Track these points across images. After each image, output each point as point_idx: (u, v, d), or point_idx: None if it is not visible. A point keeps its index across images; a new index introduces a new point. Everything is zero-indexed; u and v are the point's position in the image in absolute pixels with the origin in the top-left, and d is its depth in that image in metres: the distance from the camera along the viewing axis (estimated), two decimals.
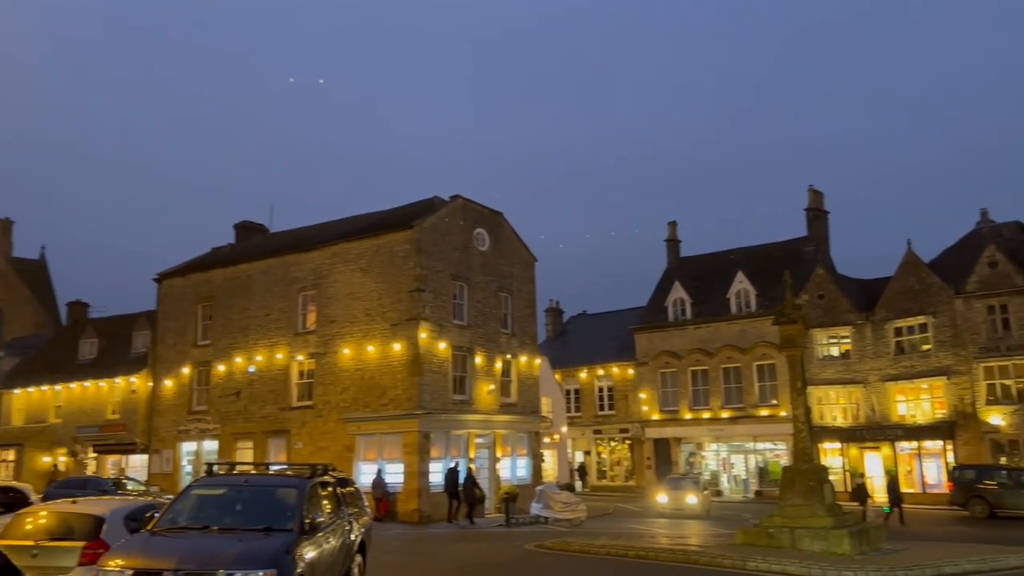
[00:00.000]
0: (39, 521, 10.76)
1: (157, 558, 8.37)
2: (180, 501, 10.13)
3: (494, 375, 33.73)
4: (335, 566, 10.61)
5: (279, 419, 33.26)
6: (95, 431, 40.03)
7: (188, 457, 36.20)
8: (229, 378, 35.09)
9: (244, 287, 35.66)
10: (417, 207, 34.12)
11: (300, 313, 33.79)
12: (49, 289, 61.81)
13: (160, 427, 37.22)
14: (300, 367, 33.33)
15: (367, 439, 30.94)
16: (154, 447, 37.25)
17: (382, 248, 31.93)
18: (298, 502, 9.77)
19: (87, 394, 41.07)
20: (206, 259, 39.77)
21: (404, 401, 30.01)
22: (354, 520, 12.17)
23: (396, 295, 31.01)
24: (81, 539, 10.27)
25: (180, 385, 36.90)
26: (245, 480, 10.75)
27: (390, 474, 29.63)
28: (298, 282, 33.95)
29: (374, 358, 31.05)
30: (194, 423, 35.95)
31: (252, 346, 34.59)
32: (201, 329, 36.84)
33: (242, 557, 8.32)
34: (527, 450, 35.54)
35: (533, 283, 37.44)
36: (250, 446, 33.82)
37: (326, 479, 11.34)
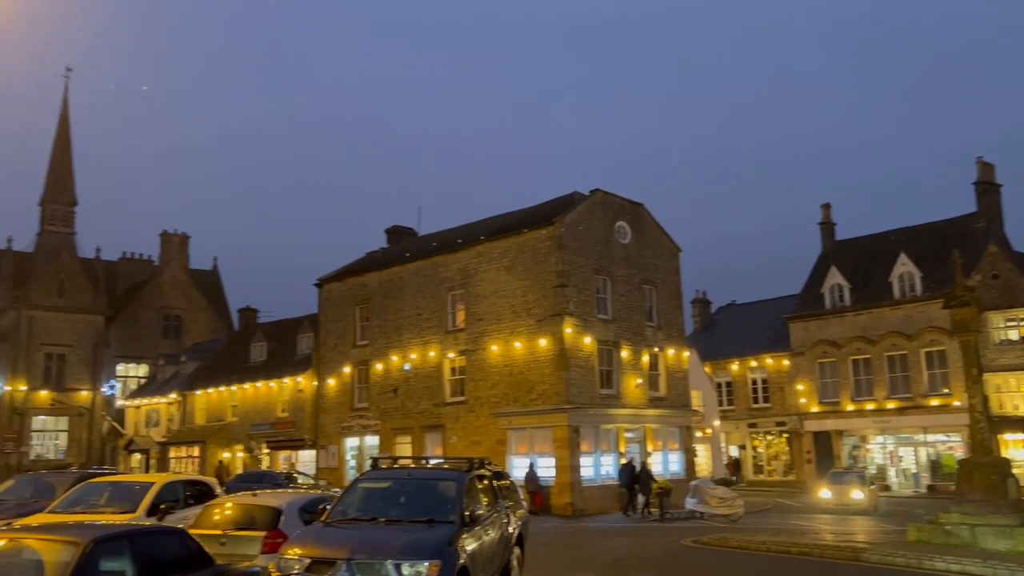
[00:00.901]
0: (225, 512, 11.68)
1: (331, 548, 8.90)
2: (349, 494, 10.71)
3: (641, 369, 33.41)
4: (495, 557, 10.89)
5: (434, 414, 34.43)
6: (267, 428, 42.85)
7: (351, 452, 38.13)
8: (386, 376, 36.66)
9: (397, 289, 37.14)
10: (557, 203, 34.32)
11: (449, 312, 34.81)
12: (222, 297, 66.71)
13: (325, 424, 39.41)
14: (451, 364, 34.35)
15: (518, 433, 31.47)
16: (320, 443, 39.48)
17: (525, 246, 32.35)
18: (458, 495, 10.10)
19: (259, 394, 44.04)
20: (361, 263, 41.70)
21: (552, 396, 30.29)
22: (511, 513, 12.43)
23: (540, 291, 31.33)
24: (262, 529, 11.05)
25: (342, 384, 38.91)
26: (407, 474, 11.22)
27: (542, 468, 29.99)
28: (447, 282, 34.98)
29: (521, 354, 31.52)
30: (356, 419, 37.81)
31: (406, 345, 35.98)
32: (359, 330, 38.69)
33: (408, 547, 8.72)
34: (679, 444, 34.99)
35: (678, 274, 36.78)
36: (408, 441, 35.20)
37: (483, 473, 11.66)
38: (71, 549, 6.57)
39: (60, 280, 55.42)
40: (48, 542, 6.91)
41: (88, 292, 56.57)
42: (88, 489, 14.05)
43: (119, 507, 13.12)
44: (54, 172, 59.44)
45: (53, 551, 6.69)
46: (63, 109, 60.76)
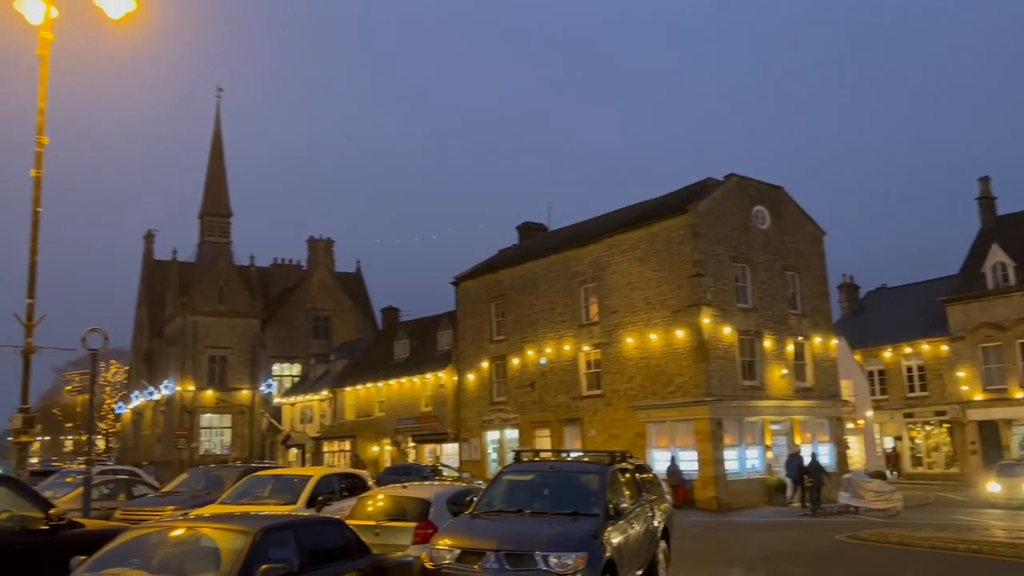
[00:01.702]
0: (378, 504, 12.19)
1: (480, 539, 9.13)
2: (494, 487, 10.94)
3: (786, 359, 32.21)
4: (641, 551, 10.84)
5: (571, 408, 34.55)
6: (412, 423, 44.36)
7: (493, 445, 38.88)
8: (523, 370, 37.11)
9: (530, 284, 37.51)
10: (690, 191, 33.59)
11: (583, 305, 34.81)
12: (366, 298, 69.61)
13: (467, 417, 40.36)
14: (587, 357, 34.34)
15: (657, 426, 31.09)
16: (463, 436, 40.48)
17: (657, 236, 31.87)
18: (601, 488, 10.12)
19: (403, 390, 45.64)
20: (494, 260, 42.39)
21: (691, 388, 29.72)
22: (655, 506, 12.32)
23: (675, 282, 30.79)
24: (413, 520, 11.46)
25: (481, 378, 39.73)
26: (550, 467, 11.34)
27: (684, 461, 29.50)
28: (579, 276, 34.99)
29: (658, 346, 31.10)
30: (496, 413, 38.51)
31: (541, 339, 36.28)
32: (495, 326, 39.36)
33: (555, 540, 8.82)
34: (829, 436, 33.50)
35: (822, 259, 35.16)
36: (547, 434, 35.50)
37: (625, 466, 11.61)
38: (243, 538, 7.04)
39: (220, 287, 59.54)
40: (222, 531, 7.44)
41: (245, 297, 60.46)
42: (253, 482, 15.04)
43: (281, 499, 13.97)
44: (210, 187, 63.81)
45: (227, 539, 7.19)
46: (216, 127, 65.17)
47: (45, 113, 12.97)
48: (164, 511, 14.72)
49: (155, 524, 8.79)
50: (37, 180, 12.93)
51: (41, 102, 12.95)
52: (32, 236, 12.88)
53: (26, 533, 8.20)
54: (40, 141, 12.94)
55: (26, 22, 12.56)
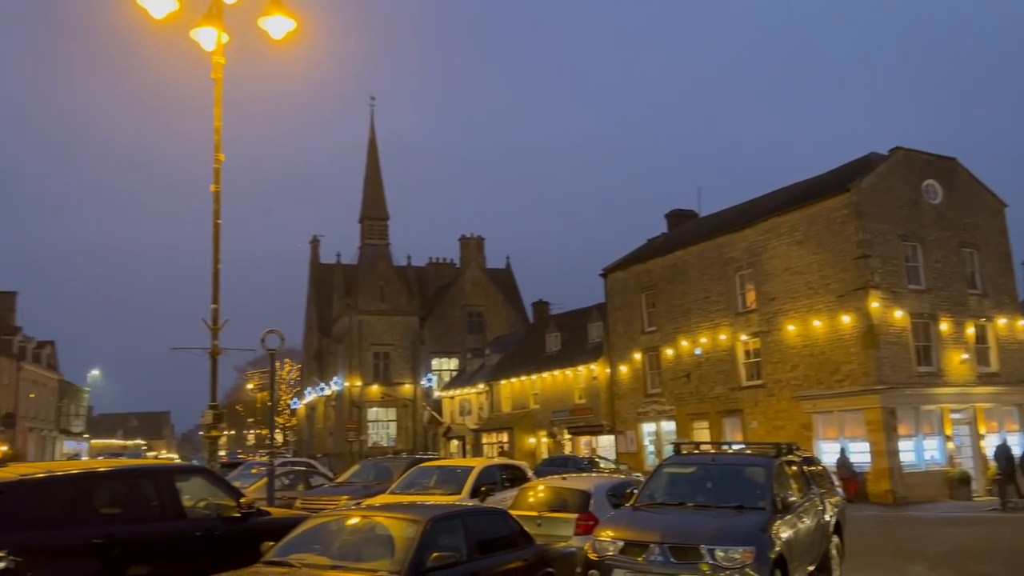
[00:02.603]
0: (538, 495, 12.39)
1: (643, 531, 9.09)
2: (654, 479, 10.84)
3: (966, 342, 29.87)
4: (812, 546, 10.42)
5: (730, 399, 33.62)
6: (567, 415, 44.64)
7: (649, 437, 38.49)
8: (677, 361, 36.47)
9: (681, 273, 36.78)
10: (851, 168, 31.77)
11: (739, 293, 33.75)
12: (516, 293, 70.74)
13: (621, 410, 40.16)
14: (745, 347, 33.28)
15: (824, 417, 29.69)
16: (618, 428, 40.32)
17: (817, 217, 30.38)
18: (767, 481, 9.80)
19: (556, 382, 46.02)
20: (644, 250, 41.87)
21: (860, 376, 28.16)
22: (825, 500, 11.80)
23: (839, 264, 29.25)
24: (573, 511, 11.57)
25: (634, 370, 39.40)
26: (712, 459, 11.11)
27: (854, 453, 28.01)
28: (733, 262, 33.95)
29: (822, 333, 29.68)
30: (651, 405, 38.08)
31: (695, 329, 35.50)
32: (647, 316, 38.90)
33: (721, 533, 8.64)
34: (1019, 425, 30.75)
35: (1005, 233, 32.32)
36: (705, 426, 34.73)
37: (792, 458, 11.20)
38: (414, 526, 7.38)
39: (380, 287, 62.33)
40: (395, 519, 7.82)
41: (404, 296, 63.01)
42: (419, 473, 15.68)
43: (446, 489, 14.48)
44: (368, 192, 66.83)
45: (399, 527, 7.56)
46: (370, 134, 68.13)
47: (221, 132, 14.01)
48: (339, 500, 15.61)
49: (333, 513, 9.35)
50: (216, 195, 13.96)
51: (217, 122, 13.95)
52: (214, 246, 13.93)
53: (221, 520, 8.91)
54: (217, 158, 13.95)
55: (201, 49, 13.60)
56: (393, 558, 7.08)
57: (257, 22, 13.09)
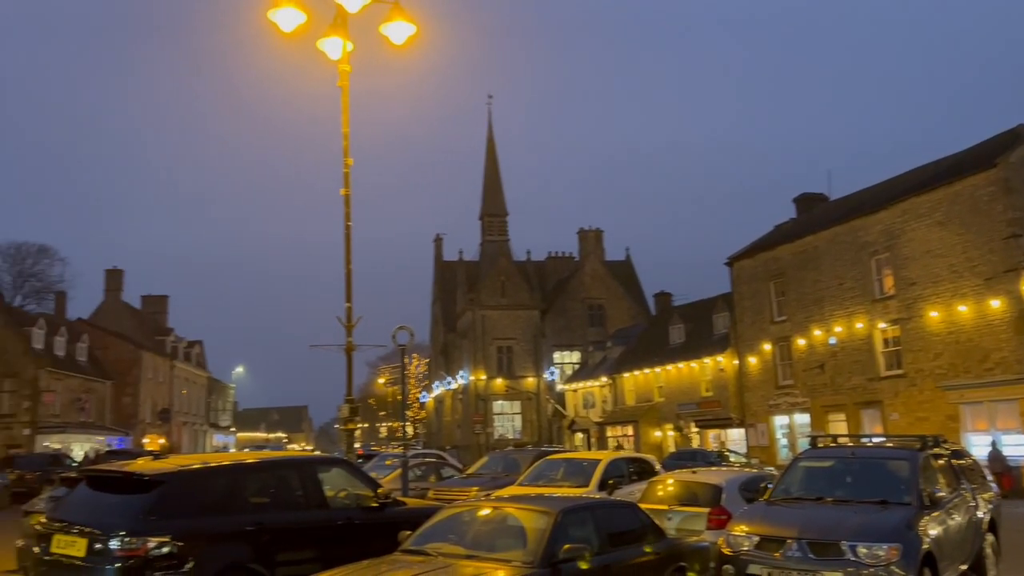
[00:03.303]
0: (668, 488, 12.24)
1: (779, 526, 8.82)
2: (790, 473, 10.50)
3: None
4: (964, 544, 9.82)
5: (868, 390, 32.07)
6: (693, 408, 43.83)
7: (781, 430, 37.25)
8: (810, 351, 35.11)
9: (812, 259, 35.34)
10: (998, 141, 29.58)
11: (875, 279, 32.12)
12: (637, 285, 70.02)
13: (751, 402, 39.05)
14: (883, 335, 31.66)
15: (973, 408, 27.86)
16: (748, 421, 39.24)
17: (960, 195, 28.50)
18: (912, 475, 9.30)
19: (681, 374, 45.25)
20: (771, 237, 40.51)
21: (1013, 364, 26.26)
22: (977, 495, 11.09)
23: (985, 245, 27.34)
24: (704, 506, 11.36)
25: (763, 361, 38.22)
26: (851, 453, 10.65)
27: (1008, 446, 26.17)
28: (868, 246, 32.33)
29: (968, 318, 27.84)
30: (782, 397, 36.84)
31: (828, 317, 34.06)
32: (776, 306, 37.63)
33: (864, 529, 8.28)
34: None
35: None
36: (841, 418, 33.29)
37: (939, 451, 10.58)
38: (545, 518, 7.46)
39: (501, 282, 63.17)
40: (526, 511, 7.93)
41: (524, 290, 63.62)
42: (547, 465, 15.80)
43: (574, 481, 14.53)
44: (488, 189, 67.78)
45: (531, 519, 7.66)
46: (488, 132, 69.06)
47: (349, 137, 14.55)
48: (469, 492, 15.96)
49: (466, 504, 9.58)
50: (346, 198, 14.52)
51: (345, 128, 14.50)
52: (346, 248, 14.50)
53: (360, 509, 9.30)
54: (346, 163, 14.52)
55: (327, 58, 14.17)
56: (526, 549, 7.19)
57: (379, 29, 13.54)
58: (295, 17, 12.72)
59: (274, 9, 12.55)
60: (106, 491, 8.20)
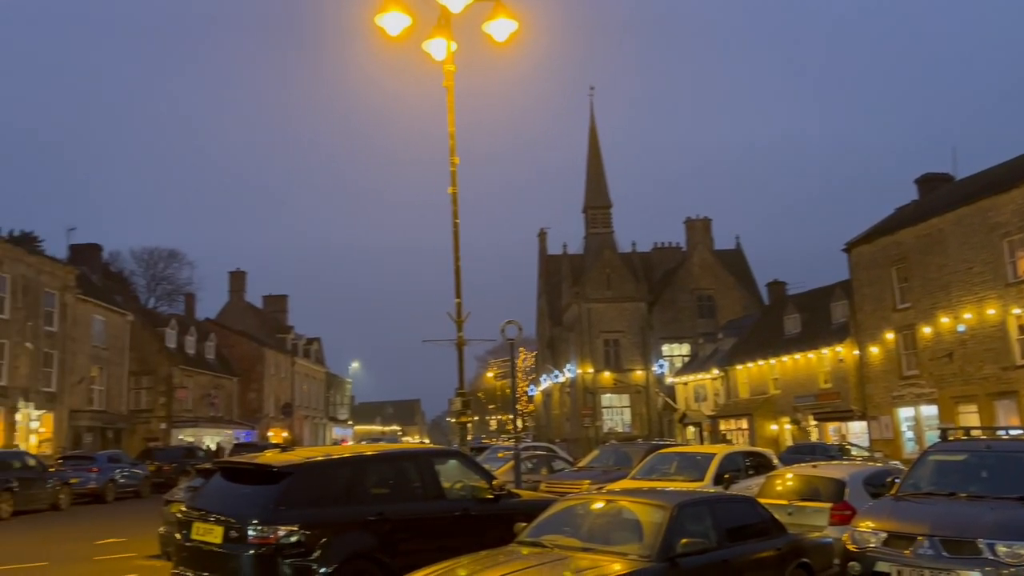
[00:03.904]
0: (787, 483, 11.90)
1: (909, 523, 8.44)
2: (919, 467, 10.02)
3: None
4: None
5: (1003, 380, 30.14)
6: (811, 400, 42.34)
7: (907, 423, 35.53)
8: (937, 340, 33.30)
9: (937, 243, 33.48)
10: None
11: (1008, 262, 30.13)
12: (748, 274, 68.13)
13: (873, 394, 37.39)
14: (1019, 321, 29.67)
15: None
16: (870, 414, 37.59)
17: None
18: None
19: (798, 366, 43.77)
20: (891, 221, 38.63)
21: None
22: None
23: None
24: (826, 501, 10.98)
25: (886, 351, 36.52)
26: (987, 446, 10.07)
27: None
28: (1000, 228, 30.35)
29: None
30: (907, 388, 35.11)
31: (956, 304, 32.20)
32: (898, 292, 35.87)
33: (1004, 526, 7.82)
34: None
35: None
36: (973, 409, 31.42)
37: None
38: (662, 512, 7.40)
39: (607, 275, 62.79)
40: (642, 505, 7.89)
41: (630, 282, 63.01)
42: (659, 459, 15.64)
43: (688, 476, 14.32)
44: (591, 181, 67.46)
45: (646, 512, 7.62)
46: (591, 124, 68.64)
47: (455, 137, 14.81)
48: (581, 485, 15.98)
49: (580, 497, 9.60)
50: (454, 196, 14.79)
51: (451, 127, 14.76)
52: (454, 244, 14.77)
53: (476, 501, 9.47)
54: (452, 162, 14.78)
55: (432, 59, 14.44)
56: (642, 543, 7.16)
57: (482, 27, 13.70)
58: (401, 20, 13.04)
59: (381, 14, 12.91)
60: (238, 482, 8.66)
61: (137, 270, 70.53)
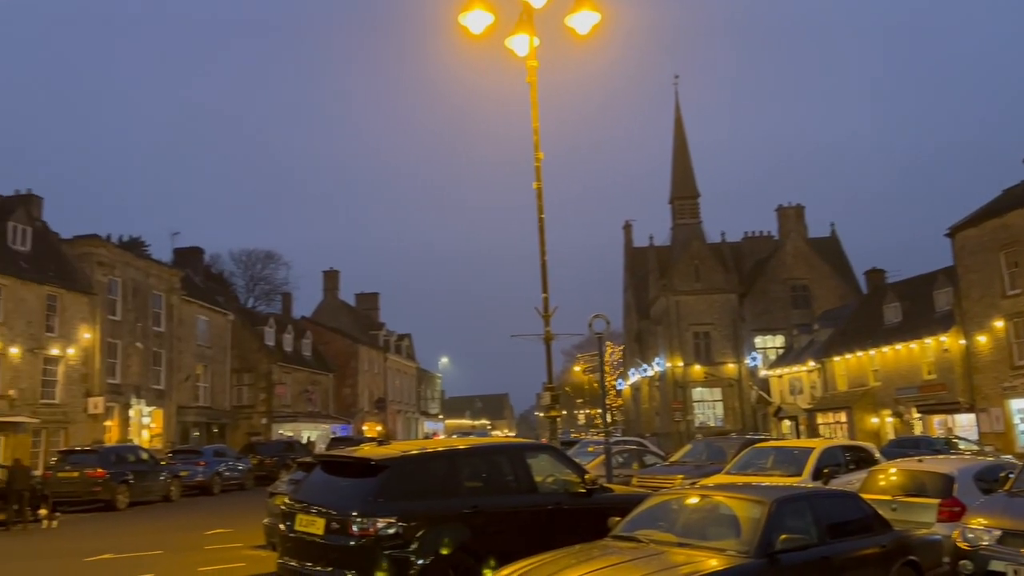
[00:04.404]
0: (891, 478, 11.46)
1: None
2: None
3: None
4: None
5: None
6: (914, 392, 40.63)
7: (1020, 415, 33.72)
8: None
9: None
10: None
11: None
12: (844, 262, 65.77)
13: (982, 385, 35.59)
14: None
15: None
16: (979, 405, 35.80)
17: None
18: None
19: (899, 356, 42.05)
20: (999, 203, 36.62)
21: None
22: None
23: None
24: (934, 496, 10.52)
25: (995, 339, 34.71)
26: None
27: None
28: None
29: None
30: (1020, 379, 33.32)
31: None
32: (1008, 278, 34.03)
33: None
34: None
35: None
36: None
37: None
38: (759, 507, 7.25)
39: (695, 266, 61.69)
40: (738, 500, 7.74)
41: (720, 274, 61.75)
42: (755, 453, 15.30)
43: (785, 470, 13.96)
44: (677, 172, 66.41)
45: (744, 507, 7.47)
46: (676, 113, 67.54)
47: (539, 132, 14.83)
48: (674, 479, 15.80)
49: (674, 492, 9.51)
50: (539, 191, 14.82)
51: (535, 123, 14.78)
52: (540, 240, 14.81)
53: (569, 495, 9.49)
54: (537, 157, 14.81)
55: (515, 56, 14.49)
56: (739, 538, 7.04)
57: (564, 20, 13.67)
58: (484, 18, 13.16)
59: (464, 12, 13.06)
60: (338, 475, 8.92)
61: (236, 271, 73.48)
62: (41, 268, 33.65)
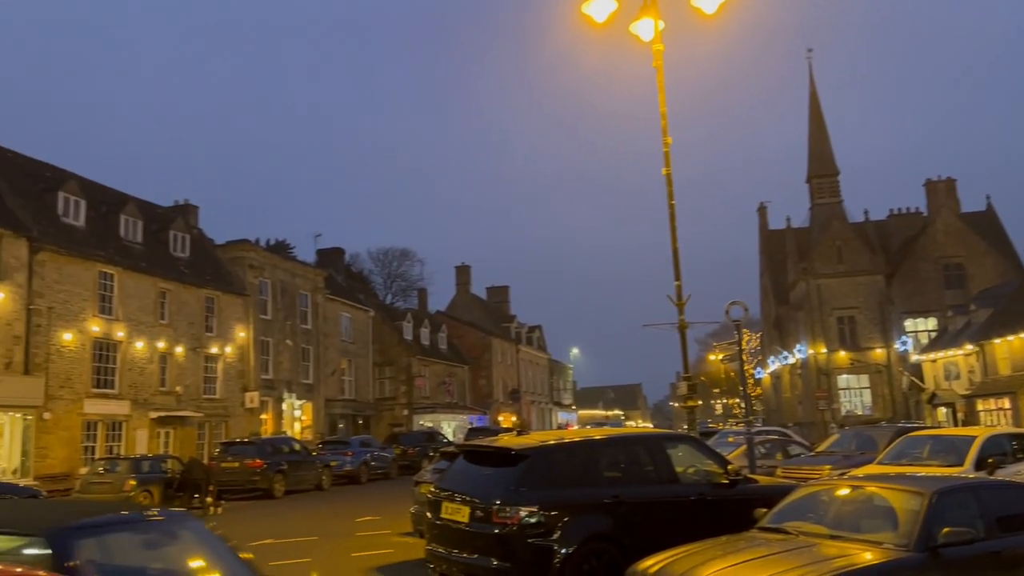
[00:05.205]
0: None
1: None
2: None
3: None
4: None
5: None
6: None
7: None
8: None
9: None
10: None
11: None
12: (1004, 238, 60.95)
13: None
14: None
15: None
16: None
17: None
18: None
19: None
20: None
21: None
22: None
23: None
24: None
25: None
26: None
27: None
28: None
29: None
30: None
31: None
32: None
33: None
34: None
35: None
36: None
37: None
38: (918, 499, 6.87)
39: (837, 247, 58.88)
40: (894, 491, 7.37)
41: (864, 254, 58.65)
42: (909, 442, 14.48)
43: (943, 460, 13.15)
44: (814, 149, 63.50)
45: (900, 499, 7.11)
46: (811, 89, 64.52)
47: (667, 117, 14.58)
48: (821, 470, 15.18)
49: (824, 483, 9.17)
50: (668, 177, 14.59)
51: (662, 107, 14.56)
52: (671, 226, 14.58)
53: (711, 486, 9.33)
54: (665, 142, 14.58)
55: (640, 41, 14.29)
56: (897, 531, 6.71)
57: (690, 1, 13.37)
58: (607, 5, 13.09)
59: (588, 1, 13.03)
60: (481, 464, 9.15)
61: (375, 269, 76.37)
62: (199, 272, 36.17)
